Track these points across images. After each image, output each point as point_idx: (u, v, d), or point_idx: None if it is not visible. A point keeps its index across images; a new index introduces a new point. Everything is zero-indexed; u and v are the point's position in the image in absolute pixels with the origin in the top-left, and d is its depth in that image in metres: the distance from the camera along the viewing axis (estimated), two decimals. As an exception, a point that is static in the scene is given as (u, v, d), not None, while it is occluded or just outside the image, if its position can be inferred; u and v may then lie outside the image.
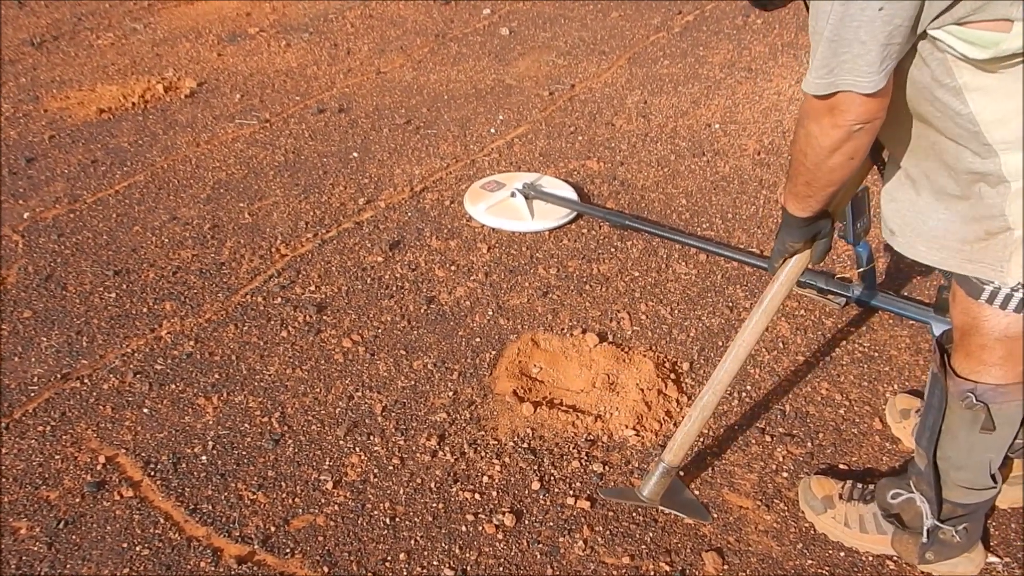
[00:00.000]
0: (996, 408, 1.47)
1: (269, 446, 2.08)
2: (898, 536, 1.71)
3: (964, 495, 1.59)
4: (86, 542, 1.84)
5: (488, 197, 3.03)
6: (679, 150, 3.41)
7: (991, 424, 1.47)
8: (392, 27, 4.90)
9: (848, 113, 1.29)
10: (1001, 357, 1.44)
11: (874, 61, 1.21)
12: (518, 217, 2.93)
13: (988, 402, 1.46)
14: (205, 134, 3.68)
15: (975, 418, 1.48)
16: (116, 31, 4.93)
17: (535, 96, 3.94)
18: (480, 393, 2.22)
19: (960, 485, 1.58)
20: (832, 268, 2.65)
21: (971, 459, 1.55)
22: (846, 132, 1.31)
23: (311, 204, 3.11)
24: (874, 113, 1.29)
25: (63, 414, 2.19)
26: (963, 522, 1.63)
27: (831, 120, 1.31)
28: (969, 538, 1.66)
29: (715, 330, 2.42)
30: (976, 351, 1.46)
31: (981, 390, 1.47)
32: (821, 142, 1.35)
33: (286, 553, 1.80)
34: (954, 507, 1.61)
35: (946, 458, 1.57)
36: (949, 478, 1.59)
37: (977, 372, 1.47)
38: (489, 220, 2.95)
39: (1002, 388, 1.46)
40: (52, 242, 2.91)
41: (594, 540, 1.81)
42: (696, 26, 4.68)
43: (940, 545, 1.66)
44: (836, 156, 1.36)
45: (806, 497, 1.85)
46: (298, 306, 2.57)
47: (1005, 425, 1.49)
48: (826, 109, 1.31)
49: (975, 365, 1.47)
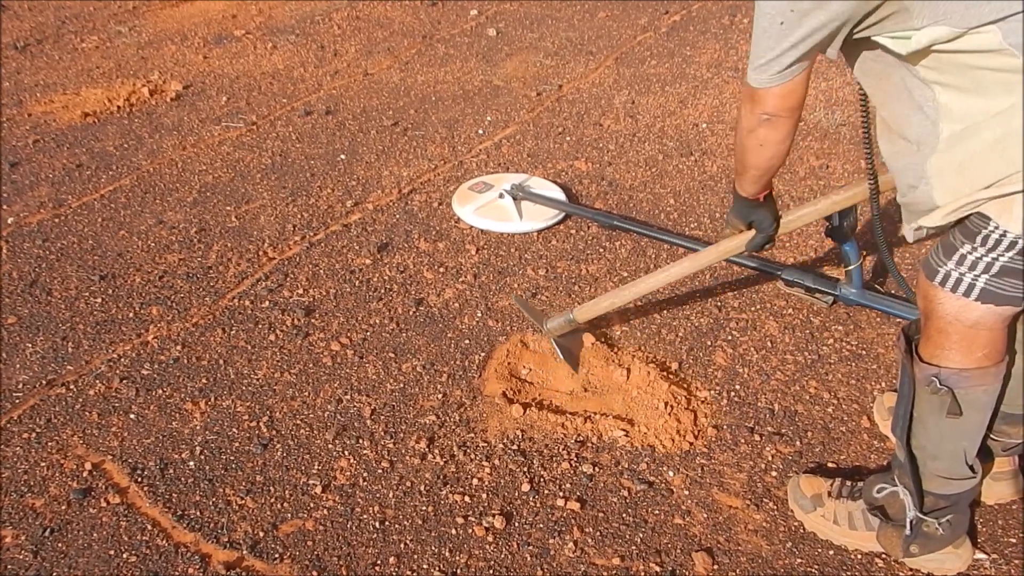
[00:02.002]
0: (961, 393, 1.50)
1: (257, 451, 2.06)
2: (883, 529, 1.72)
3: (943, 485, 1.61)
4: (72, 549, 1.82)
5: (476, 198, 3.02)
6: (667, 150, 3.41)
7: (957, 409, 1.50)
8: (379, 28, 4.89)
9: (758, 104, 1.50)
10: (957, 341, 1.47)
11: (782, 62, 1.41)
12: (506, 218, 2.93)
13: (952, 387, 1.50)
14: (191, 137, 3.66)
15: (941, 403, 1.51)
16: (101, 34, 4.91)
17: (523, 97, 3.94)
18: (469, 395, 2.22)
19: (938, 475, 1.60)
20: (819, 266, 2.65)
21: (944, 447, 1.58)
22: (757, 120, 1.53)
23: (298, 207, 3.10)
24: (778, 109, 1.49)
25: (48, 421, 2.17)
26: (946, 514, 1.64)
27: (748, 107, 1.53)
28: (953, 531, 1.66)
29: (704, 330, 2.42)
30: (934, 335, 1.50)
31: (945, 375, 1.50)
32: (742, 124, 1.58)
33: (275, 558, 1.79)
34: (936, 499, 1.62)
35: (921, 447, 1.60)
36: (926, 468, 1.61)
37: (937, 356, 1.51)
38: (477, 221, 2.94)
39: (965, 372, 1.49)
40: (37, 247, 2.89)
41: (584, 541, 1.81)
42: (683, 26, 4.69)
43: (924, 538, 1.67)
44: (750, 139, 1.58)
45: (795, 496, 1.85)
46: (286, 309, 2.55)
47: (972, 410, 1.52)
48: (747, 96, 1.53)
49: (934, 349, 1.51)
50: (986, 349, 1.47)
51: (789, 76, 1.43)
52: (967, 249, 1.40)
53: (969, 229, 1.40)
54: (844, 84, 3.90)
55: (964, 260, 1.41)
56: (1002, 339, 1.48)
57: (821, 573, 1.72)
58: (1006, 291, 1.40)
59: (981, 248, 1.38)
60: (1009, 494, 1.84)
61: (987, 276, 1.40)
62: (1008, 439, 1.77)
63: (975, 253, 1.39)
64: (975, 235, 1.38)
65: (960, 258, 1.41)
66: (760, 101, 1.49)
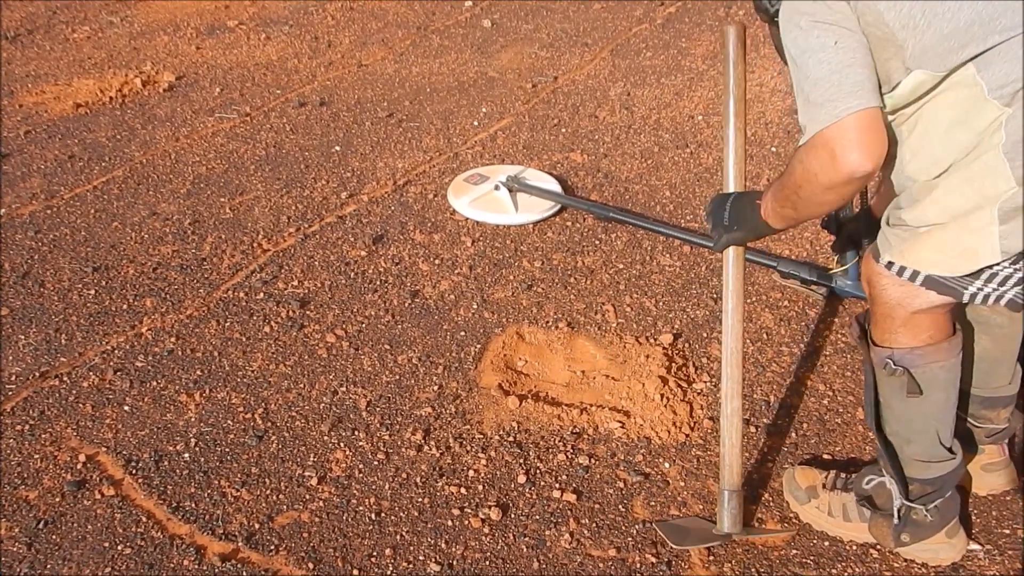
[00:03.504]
0: (917, 371, 1.51)
1: (252, 442, 2.06)
2: (873, 520, 1.72)
3: (923, 469, 1.61)
4: (66, 542, 1.82)
5: (471, 190, 3.01)
6: (662, 142, 3.41)
7: (916, 388, 1.52)
8: (373, 19, 4.87)
9: (848, 151, 1.29)
10: (902, 324, 1.50)
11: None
12: (502, 210, 2.92)
13: (907, 366, 1.51)
14: (184, 128, 3.64)
15: (900, 384, 1.53)
16: (92, 24, 4.87)
17: (518, 88, 3.93)
18: (465, 387, 2.22)
19: (916, 459, 1.61)
20: (815, 259, 2.65)
21: (914, 430, 1.59)
22: (847, 176, 1.31)
23: (293, 198, 3.09)
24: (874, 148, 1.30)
25: (42, 413, 2.16)
26: (933, 500, 1.64)
27: (831, 161, 1.31)
28: (942, 517, 1.66)
29: (700, 321, 2.42)
30: (881, 319, 1.53)
31: (898, 355, 1.52)
32: (821, 180, 1.35)
33: (270, 550, 1.79)
34: (921, 485, 1.62)
35: (893, 432, 1.62)
36: (904, 454, 1.62)
37: (887, 339, 1.53)
38: (473, 213, 2.93)
39: (917, 350, 1.50)
40: (29, 239, 2.87)
41: (580, 533, 1.81)
42: (678, 17, 4.68)
43: (913, 526, 1.67)
44: (831, 194, 1.37)
45: (790, 487, 1.85)
46: (281, 301, 2.54)
47: (932, 389, 1.53)
48: (825, 147, 1.32)
49: (884, 333, 1.53)
50: (931, 330, 1.50)
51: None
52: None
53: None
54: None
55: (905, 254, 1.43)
56: (946, 319, 1.51)
57: (816, 564, 1.73)
58: (948, 282, 1.41)
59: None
60: (1001, 485, 1.85)
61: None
62: (990, 424, 1.77)
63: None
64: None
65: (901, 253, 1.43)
66: (846, 147, 1.30)
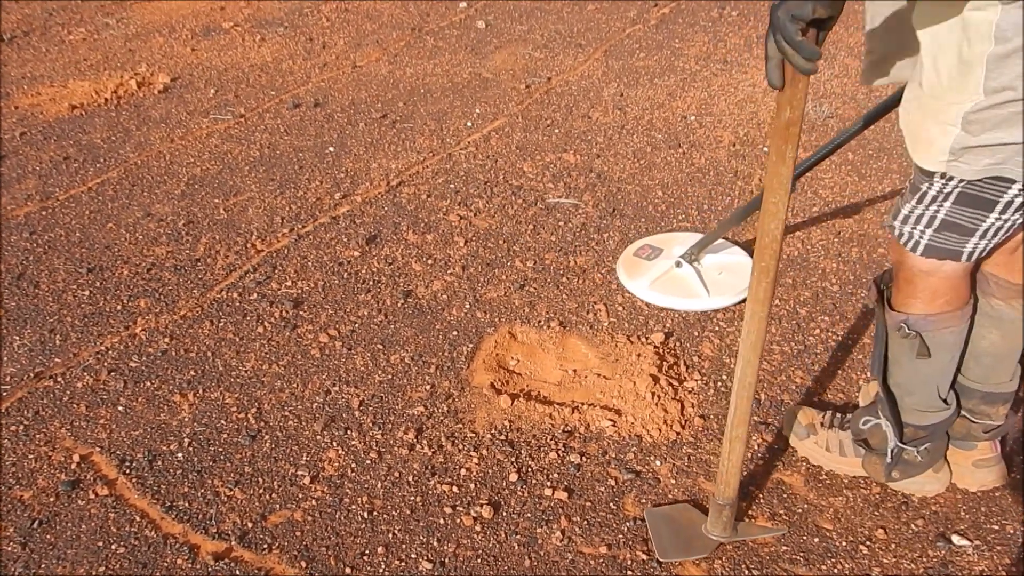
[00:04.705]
0: (928, 336, 1.60)
1: (246, 442, 2.07)
2: (867, 458, 1.86)
3: (920, 417, 1.73)
4: (61, 541, 1.82)
5: (647, 268, 2.56)
6: (655, 142, 3.42)
7: (926, 351, 1.61)
8: (368, 21, 4.88)
9: None
10: (922, 291, 1.58)
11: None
12: (690, 293, 2.49)
13: (920, 331, 1.60)
14: (179, 130, 3.65)
15: (911, 346, 1.62)
16: (88, 26, 4.88)
17: (512, 89, 3.94)
18: (457, 386, 2.23)
19: (915, 408, 1.72)
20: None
21: (917, 384, 1.69)
22: None
23: (287, 199, 3.10)
24: None
25: (36, 413, 2.16)
26: (924, 443, 1.77)
27: None
28: (931, 457, 1.80)
29: (690, 321, 2.43)
30: (903, 285, 1.61)
31: (912, 320, 1.60)
32: None
33: (263, 549, 1.80)
34: (915, 430, 1.75)
35: (897, 384, 1.72)
36: (904, 403, 1.73)
37: (906, 304, 1.61)
38: (654, 298, 2.49)
39: (930, 317, 1.59)
40: (24, 240, 2.88)
41: (572, 530, 1.82)
42: (672, 19, 4.69)
43: (904, 464, 1.81)
44: None
45: (791, 424, 1.98)
46: (274, 301, 2.55)
47: (940, 351, 1.63)
48: None
49: (904, 298, 1.62)
50: (947, 296, 1.57)
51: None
52: (909, 208, 1.51)
53: (914, 185, 1.50)
54: (832, 77, 3.91)
55: (908, 218, 1.52)
56: (964, 286, 1.59)
57: (806, 560, 1.74)
58: (947, 245, 1.50)
59: (920, 205, 1.49)
60: (992, 481, 1.87)
61: (930, 231, 1.50)
62: (988, 420, 1.79)
63: (917, 210, 1.50)
64: (916, 191, 1.49)
65: (905, 217, 1.53)
66: None
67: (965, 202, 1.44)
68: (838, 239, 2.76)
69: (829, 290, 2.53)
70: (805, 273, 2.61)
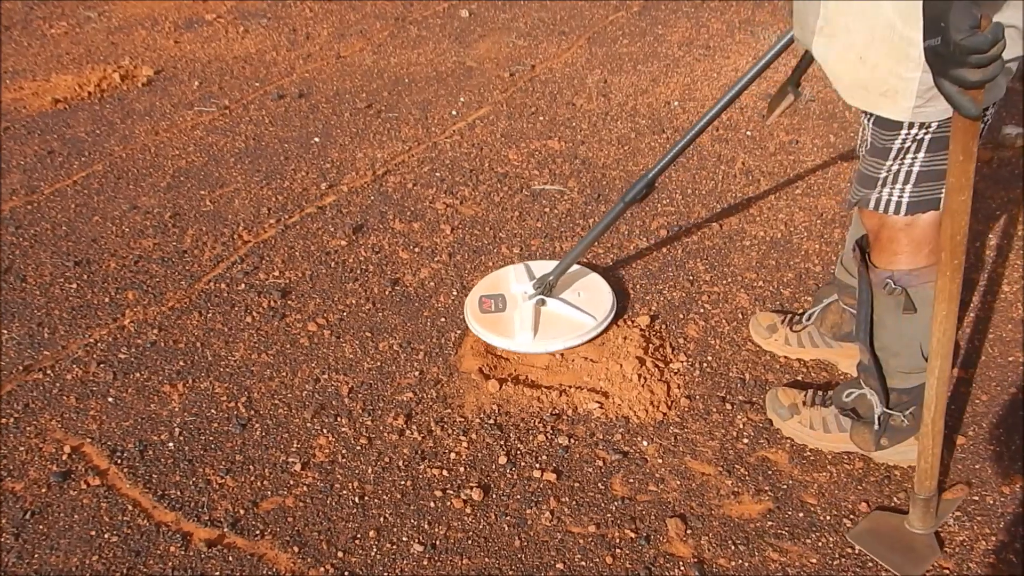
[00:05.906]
0: (913, 291, 1.65)
1: (236, 431, 2.08)
2: (855, 428, 1.89)
3: (904, 380, 1.78)
4: (53, 531, 1.84)
5: (510, 320, 2.32)
6: (639, 128, 3.44)
7: (912, 306, 1.66)
8: (351, 11, 4.86)
9: None
10: (906, 245, 1.62)
11: None
12: (578, 327, 2.30)
13: (905, 285, 1.65)
14: (164, 122, 3.64)
15: (897, 303, 1.67)
16: (70, 20, 4.85)
17: (496, 77, 3.95)
18: (446, 372, 2.25)
19: (899, 371, 1.77)
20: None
21: (902, 343, 1.73)
22: None
23: (273, 190, 3.10)
24: None
25: (26, 406, 2.17)
26: (909, 407, 1.82)
27: None
28: (916, 421, 1.82)
29: (676, 303, 2.46)
30: (886, 244, 1.65)
31: (897, 275, 1.65)
32: None
33: (256, 535, 1.82)
34: (899, 394, 1.80)
35: (883, 347, 1.76)
36: (889, 367, 1.77)
37: (890, 262, 1.66)
38: (549, 345, 2.27)
39: (915, 271, 1.64)
40: (10, 234, 2.87)
41: (560, 510, 1.84)
42: (654, 5, 4.71)
43: (892, 431, 1.85)
44: None
45: (773, 406, 2.02)
46: (262, 292, 2.56)
47: (924, 306, 1.66)
48: None
49: (888, 256, 1.66)
50: (931, 245, 1.61)
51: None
52: (883, 170, 1.54)
53: (877, 148, 1.52)
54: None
55: (885, 180, 1.56)
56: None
57: (791, 535, 1.77)
58: (927, 196, 1.54)
59: (893, 162, 1.52)
60: None
61: (909, 187, 1.54)
62: None
63: (892, 167, 1.53)
64: (884, 152, 1.51)
65: (881, 181, 1.56)
66: None
67: (937, 147, 1.47)
68: (820, 220, 2.79)
69: (812, 271, 2.56)
70: (788, 255, 2.63)
